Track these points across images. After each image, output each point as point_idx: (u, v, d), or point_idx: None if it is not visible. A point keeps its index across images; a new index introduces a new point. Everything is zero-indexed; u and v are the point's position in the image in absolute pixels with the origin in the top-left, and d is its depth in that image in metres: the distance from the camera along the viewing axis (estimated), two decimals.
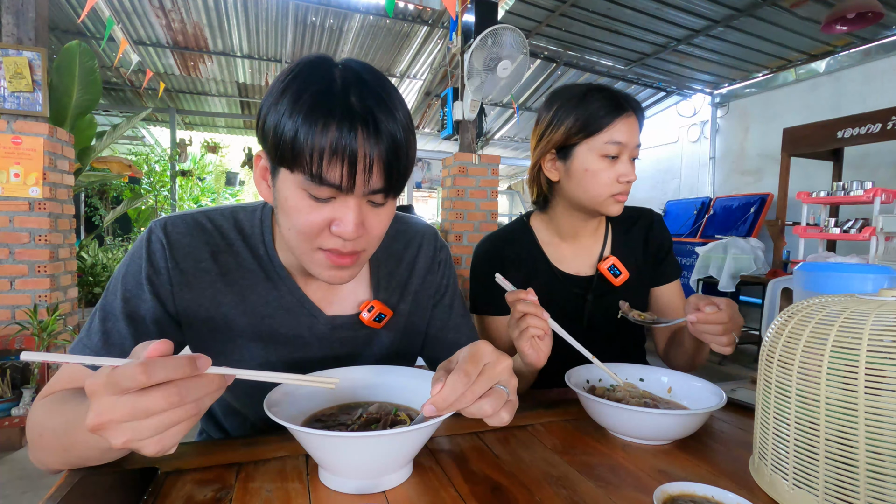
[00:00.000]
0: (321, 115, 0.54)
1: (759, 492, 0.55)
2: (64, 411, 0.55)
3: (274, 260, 0.71)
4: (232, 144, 9.30)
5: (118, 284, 0.66)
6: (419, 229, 0.86)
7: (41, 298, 2.64)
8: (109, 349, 0.63)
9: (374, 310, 0.74)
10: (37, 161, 2.57)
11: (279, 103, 0.56)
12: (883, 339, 0.44)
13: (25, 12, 2.57)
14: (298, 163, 0.55)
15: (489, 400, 0.50)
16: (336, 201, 0.58)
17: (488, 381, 0.51)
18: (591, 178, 0.96)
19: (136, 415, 0.39)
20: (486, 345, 0.53)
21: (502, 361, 0.52)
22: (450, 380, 0.49)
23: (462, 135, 3.93)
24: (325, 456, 0.53)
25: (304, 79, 0.56)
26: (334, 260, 0.61)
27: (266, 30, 4.98)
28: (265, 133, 0.58)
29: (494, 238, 1.11)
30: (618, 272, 1.03)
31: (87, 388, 0.40)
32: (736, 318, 0.79)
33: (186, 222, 0.69)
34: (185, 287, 0.67)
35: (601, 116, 0.94)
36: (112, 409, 0.39)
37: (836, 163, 4.45)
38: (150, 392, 0.39)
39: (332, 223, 0.59)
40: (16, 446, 2.38)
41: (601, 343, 0.95)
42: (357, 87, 0.56)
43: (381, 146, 0.56)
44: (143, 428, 0.39)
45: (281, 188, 0.59)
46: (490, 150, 7.62)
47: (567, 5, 4.51)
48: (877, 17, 3.36)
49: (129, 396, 0.39)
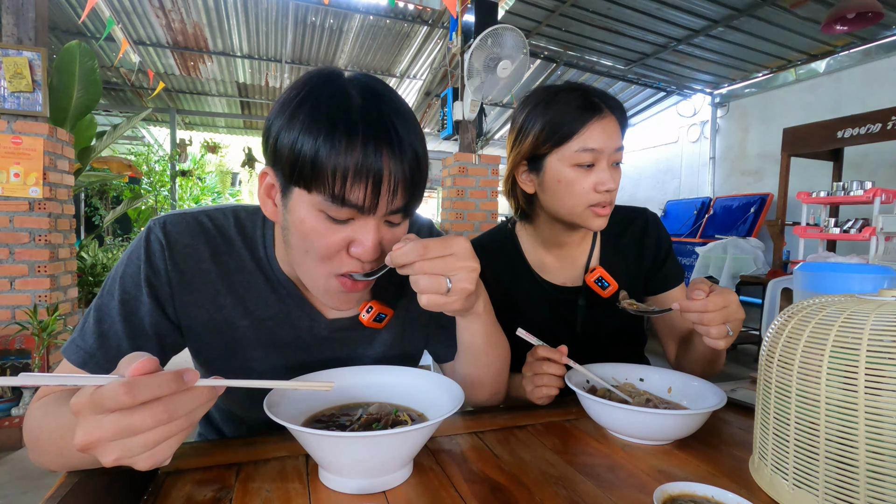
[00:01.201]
0: (343, 132, 0.52)
1: (759, 492, 0.55)
2: (58, 415, 0.54)
3: (273, 265, 0.70)
4: (232, 144, 9.30)
5: (115, 285, 0.64)
6: (416, 225, 0.86)
7: (41, 298, 2.64)
8: (105, 351, 0.61)
9: (374, 310, 0.73)
10: (37, 161, 2.57)
11: (294, 120, 0.54)
12: (883, 339, 0.44)
13: (25, 12, 2.57)
14: (318, 183, 0.53)
15: (430, 280, 0.56)
16: (355, 222, 0.57)
17: (443, 268, 0.56)
18: (565, 189, 0.87)
19: (124, 433, 0.38)
20: (457, 242, 0.57)
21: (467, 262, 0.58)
22: (409, 244, 0.55)
23: (462, 135, 3.93)
24: (325, 456, 0.53)
25: (317, 95, 0.55)
26: (349, 287, 0.61)
27: (266, 30, 4.98)
28: (278, 151, 0.55)
29: (476, 246, 1.03)
30: (606, 284, 0.95)
31: (73, 407, 0.39)
32: (732, 308, 0.71)
33: (186, 221, 0.67)
34: (185, 289, 0.66)
35: (571, 122, 0.85)
36: (98, 428, 0.38)
37: (836, 163, 4.45)
38: (137, 411, 0.38)
39: (351, 245, 0.58)
40: (16, 446, 2.38)
41: (597, 350, 0.94)
42: (376, 103, 0.55)
43: (405, 164, 0.55)
44: (133, 445, 0.38)
45: (294, 209, 0.57)
46: (490, 150, 7.62)
47: (567, 5, 4.51)
48: (877, 17, 3.36)
49: (115, 415, 0.38)
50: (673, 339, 1.01)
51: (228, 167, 10.10)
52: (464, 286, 0.57)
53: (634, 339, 1.08)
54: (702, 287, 0.71)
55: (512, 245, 1.04)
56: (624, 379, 0.82)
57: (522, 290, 1.01)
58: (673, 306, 0.73)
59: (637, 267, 1.02)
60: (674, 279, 1.03)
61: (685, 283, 1.00)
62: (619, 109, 0.89)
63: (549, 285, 1.01)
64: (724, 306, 0.70)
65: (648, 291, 1.05)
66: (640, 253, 1.02)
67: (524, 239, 1.04)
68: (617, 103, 0.89)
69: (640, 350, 1.11)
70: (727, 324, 0.71)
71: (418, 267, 0.55)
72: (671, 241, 1.05)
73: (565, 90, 0.89)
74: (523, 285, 1.01)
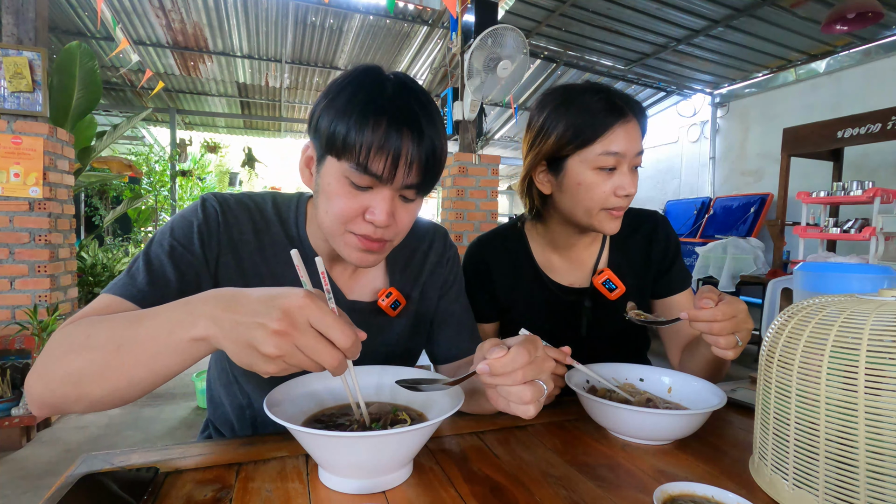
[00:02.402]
0: (373, 113, 0.61)
1: (759, 492, 0.55)
2: (124, 314, 0.53)
3: (305, 243, 0.77)
4: (232, 144, 9.30)
5: (165, 237, 0.69)
6: (432, 227, 0.92)
7: (41, 298, 2.64)
8: (154, 289, 0.63)
9: (392, 296, 0.79)
10: (37, 161, 2.57)
11: (336, 100, 0.63)
12: (883, 339, 0.44)
13: (25, 12, 2.57)
14: (347, 152, 0.62)
15: (531, 388, 0.53)
16: (373, 191, 0.64)
17: (538, 371, 0.54)
18: (585, 192, 0.86)
19: (307, 351, 0.45)
20: (541, 341, 0.56)
21: (549, 363, 0.56)
22: (513, 351, 0.52)
23: (462, 135, 3.93)
24: (325, 456, 0.53)
25: (359, 82, 0.64)
26: (364, 243, 0.67)
27: (266, 30, 4.98)
28: (318, 125, 0.64)
29: (485, 242, 1.05)
30: (613, 287, 0.94)
31: (302, 300, 0.45)
32: (741, 318, 0.70)
33: (235, 197, 0.76)
34: (230, 251, 0.72)
35: (595, 125, 0.83)
36: (299, 332, 0.45)
37: (836, 163, 4.45)
38: (328, 349, 0.46)
39: (367, 211, 0.65)
40: (16, 446, 2.38)
41: (600, 352, 0.94)
42: (405, 95, 0.64)
43: (422, 148, 0.63)
44: (299, 361, 0.46)
45: (325, 174, 0.66)
46: (490, 150, 7.63)
47: (567, 5, 4.51)
48: (877, 17, 3.36)
49: (315, 338, 0.45)
50: (678, 345, 1.00)
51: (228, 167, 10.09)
52: (550, 386, 0.57)
53: (638, 342, 1.08)
54: (710, 296, 0.70)
55: (520, 243, 1.03)
56: (624, 379, 0.82)
57: (528, 289, 1.00)
58: (681, 316, 0.72)
59: (644, 270, 1.01)
60: (680, 284, 1.01)
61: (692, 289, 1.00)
62: (641, 113, 0.88)
63: (555, 285, 1.00)
64: (733, 316, 0.69)
65: (654, 295, 1.04)
66: (647, 255, 1.01)
67: (533, 238, 1.03)
68: (640, 107, 0.88)
69: (643, 354, 1.10)
70: (736, 333, 0.70)
71: (520, 376, 0.52)
72: (679, 245, 1.04)
73: (589, 91, 0.87)
74: (529, 284, 1.01)
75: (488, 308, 1.02)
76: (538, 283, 1.00)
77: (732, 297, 0.71)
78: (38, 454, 2.36)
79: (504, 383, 0.53)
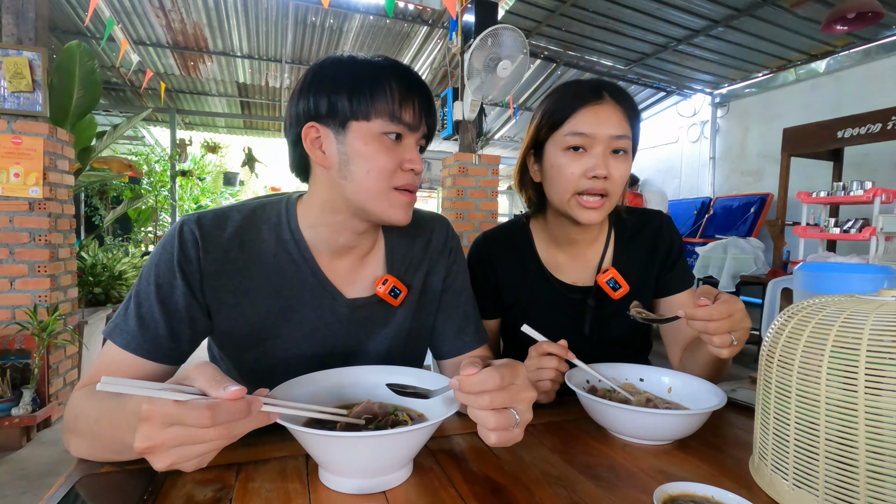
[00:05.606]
0: (386, 71, 0.68)
1: (759, 492, 0.55)
2: (98, 400, 0.58)
3: (300, 243, 0.75)
4: (232, 144, 9.29)
5: (151, 272, 0.69)
6: (432, 216, 0.91)
7: (41, 298, 2.64)
8: (144, 333, 0.66)
9: (389, 283, 0.78)
10: (37, 161, 2.57)
11: (337, 76, 0.67)
12: (883, 339, 0.44)
13: (25, 12, 2.57)
14: (378, 108, 0.66)
15: (498, 415, 0.50)
16: (402, 145, 0.70)
17: (510, 399, 0.51)
18: (557, 173, 0.87)
19: (186, 443, 0.43)
20: (524, 369, 0.55)
21: (529, 392, 0.53)
22: (485, 372, 0.51)
23: (462, 135, 3.93)
24: (325, 456, 0.53)
25: (353, 60, 0.69)
26: (408, 196, 0.72)
27: (266, 30, 4.98)
28: (329, 103, 0.67)
29: (490, 238, 1.05)
30: (617, 286, 0.94)
31: (144, 412, 0.43)
32: (737, 317, 0.69)
33: (217, 215, 0.74)
34: (215, 275, 0.71)
35: (565, 107, 0.86)
36: (162, 435, 0.43)
37: (836, 163, 4.45)
38: (208, 429, 0.43)
39: (403, 163, 0.69)
40: (16, 446, 2.39)
41: (603, 352, 0.93)
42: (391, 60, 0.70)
43: (423, 96, 0.70)
44: (190, 453, 0.44)
45: (353, 142, 0.68)
46: (490, 150, 7.61)
47: (567, 5, 4.51)
48: (877, 17, 3.36)
49: (182, 427, 0.43)
50: (678, 345, 1.00)
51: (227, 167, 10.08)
52: (527, 417, 0.53)
53: (640, 344, 1.07)
54: (708, 295, 0.70)
55: (525, 240, 1.03)
56: (624, 379, 0.82)
57: (532, 286, 1.00)
58: (679, 313, 0.72)
59: (648, 269, 1.01)
60: (682, 283, 1.01)
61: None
62: (621, 97, 0.88)
63: (559, 283, 1.00)
64: (729, 315, 0.69)
65: (657, 293, 1.03)
66: (651, 255, 1.01)
67: (537, 235, 1.03)
68: (620, 91, 0.88)
69: (645, 355, 1.10)
70: (732, 333, 0.70)
71: (489, 401, 0.50)
72: (683, 246, 1.04)
73: (575, 81, 0.91)
74: (533, 281, 1.00)
75: (491, 304, 1.02)
76: (542, 281, 1.00)
77: (730, 295, 0.71)
78: (38, 454, 2.36)
79: (470, 403, 0.51)
